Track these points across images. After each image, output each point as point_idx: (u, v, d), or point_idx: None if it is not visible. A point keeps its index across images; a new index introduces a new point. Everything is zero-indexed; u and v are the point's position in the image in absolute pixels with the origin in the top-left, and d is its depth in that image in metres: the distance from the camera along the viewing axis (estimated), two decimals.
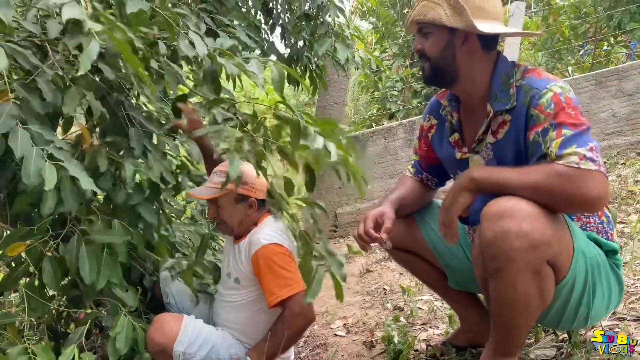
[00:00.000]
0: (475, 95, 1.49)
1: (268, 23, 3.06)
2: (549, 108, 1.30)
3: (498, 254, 1.23)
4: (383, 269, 3.23)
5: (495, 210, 1.24)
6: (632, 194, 3.14)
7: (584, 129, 1.27)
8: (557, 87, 1.32)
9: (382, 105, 6.07)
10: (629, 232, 2.53)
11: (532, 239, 1.20)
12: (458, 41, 1.43)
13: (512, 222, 1.20)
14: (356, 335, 2.31)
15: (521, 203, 1.23)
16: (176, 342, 1.69)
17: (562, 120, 1.27)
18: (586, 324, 1.45)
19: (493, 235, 1.23)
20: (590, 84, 4.21)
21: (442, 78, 1.50)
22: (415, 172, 1.77)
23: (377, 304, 2.65)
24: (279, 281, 1.69)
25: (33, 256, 1.44)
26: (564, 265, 1.28)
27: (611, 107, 4.17)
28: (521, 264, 1.22)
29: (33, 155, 1.18)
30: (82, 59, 1.11)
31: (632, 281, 2.04)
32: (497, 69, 1.45)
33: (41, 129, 1.26)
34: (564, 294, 1.33)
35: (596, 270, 1.35)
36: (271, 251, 1.71)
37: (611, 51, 6.12)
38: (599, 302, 1.38)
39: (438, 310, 2.28)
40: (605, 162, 4.00)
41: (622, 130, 4.16)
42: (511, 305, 1.28)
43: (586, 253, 1.33)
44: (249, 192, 1.78)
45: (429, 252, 1.73)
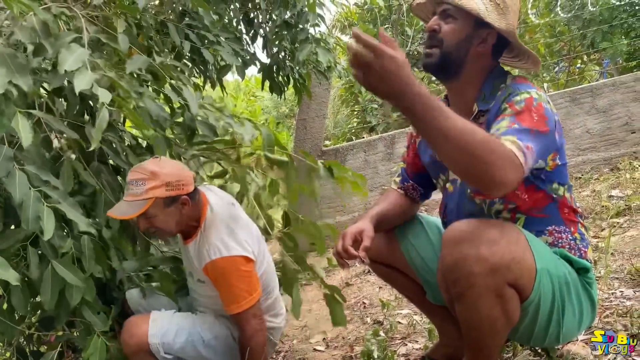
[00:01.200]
0: (466, 96, 1.46)
1: (249, 33, 3.06)
2: (518, 105, 1.28)
3: (459, 279, 1.24)
4: (363, 282, 3.22)
5: (454, 235, 1.25)
6: (605, 209, 3.20)
7: (535, 131, 1.24)
8: (535, 93, 1.31)
9: (362, 119, 6.12)
10: (603, 247, 2.58)
11: (492, 263, 1.20)
12: (477, 39, 1.38)
13: (470, 248, 1.21)
14: (335, 350, 2.29)
15: (480, 227, 1.23)
16: (148, 336, 1.67)
17: (522, 118, 1.25)
18: (558, 341, 1.44)
19: (453, 261, 1.24)
20: (565, 101, 4.32)
21: (447, 68, 1.42)
22: (401, 180, 1.75)
23: (356, 318, 2.64)
24: (229, 297, 1.68)
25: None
26: (526, 286, 1.28)
27: (585, 123, 4.28)
28: (482, 289, 1.22)
29: (31, 199, 1.19)
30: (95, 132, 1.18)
31: (607, 295, 2.08)
32: (491, 75, 1.44)
33: (36, 169, 1.27)
34: (531, 312, 1.33)
35: (565, 289, 1.35)
36: (219, 267, 1.67)
37: (585, 69, 6.30)
38: (570, 320, 1.38)
39: (417, 325, 2.28)
40: (580, 177, 4.09)
41: (595, 146, 4.27)
42: (477, 327, 1.29)
43: (552, 272, 1.32)
44: (178, 191, 1.64)
45: (408, 268, 1.74)
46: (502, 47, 1.43)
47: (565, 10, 5.76)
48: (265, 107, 9.21)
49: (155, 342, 1.68)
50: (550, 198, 1.41)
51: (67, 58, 1.22)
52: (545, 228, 1.42)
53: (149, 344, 1.68)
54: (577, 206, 1.48)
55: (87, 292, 1.44)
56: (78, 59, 1.23)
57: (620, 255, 2.49)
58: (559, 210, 1.42)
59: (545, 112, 1.29)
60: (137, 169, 1.61)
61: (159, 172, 1.60)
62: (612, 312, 1.89)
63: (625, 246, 2.61)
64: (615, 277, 2.25)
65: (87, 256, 1.47)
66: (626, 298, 2.02)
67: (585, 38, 5.67)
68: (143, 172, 1.59)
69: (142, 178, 1.58)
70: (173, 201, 1.64)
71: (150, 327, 1.69)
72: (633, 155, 4.14)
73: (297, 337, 2.61)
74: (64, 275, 1.39)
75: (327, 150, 4.55)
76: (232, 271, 1.68)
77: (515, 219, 1.43)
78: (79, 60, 1.22)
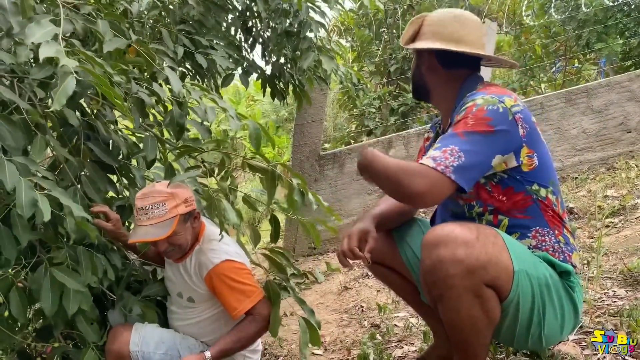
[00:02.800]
0: (446, 109, 1.61)
1: (248, 41, 3.11)
2: (459, 115, 1.41)
3: (437, 281, 1.30)
4: (361, 286, 3.25)
5: (432, 239, 1.31)
6: (600, 209, 3.23)
7: (464, 133, 1.34)
8: (481, 99, 1.40)
9: (360, 123, 6.15)
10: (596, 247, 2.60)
11: (467, 264, 1.25)
12: (422, 62, 1.60)
13: (446, 250, 1.27)
14: (333, 354, 2.32)
15: (456, 230, 1.29)
16: (130, 344, 1.71)
17: (455, 127, 1.38)
18: (542, 344, 1.46)
19: (431, 264, 1.29)
20: (561, 102, 4.34)
21: (419, 92, 1.68)
22: None
23: (354, 322, 2.67)
24: (238, 296, 1.73)
25: (3, 286, 1.44)
26: (504, 286, 1.32)
27: (581, 123, 4.30)
28: (460, 290, 1.27)
29: (23, 187, 1.19)
30: (57, 96, 1.13)
31: (599, 295, 2.10)
32: (463, 86, 1.55)
33: (24, 160, 1.28)
34: (511, 312, 1.37)
35: (545, 290, 1.38)
36: (224, 269, 1.73)
37: (582, 68, 6.32)
38: (551, 322, 1.41)
39: (413, 327, 2.31)
40: (577, 177, 4.12)
41: (591, 146, 4.29)
42: (459, 327, 1.34)
43: (531, 273, 1.36)
44: (192, 207, 1.73)
45: (405, 268, 1.77)
46: (450, 59, 1.53)
47: (559, 12, 5.79)
48: (265, 111, 9.26)
49: (135, 349, 1.72)
50: (530, 199, 1.44)
51: (35, 32, 1.18)
52: (529, 230, 1.45)
53: (130, 352, 1.72)
54: (563, 211, 1.50)
55: (84, 302, 1.46)
56: (47, 33, 1.19)
57: (613, 255, 2.52)
58: (541, 212, 1.45)
59: (486, 114, 1.36)
60: (150, 194, 1.64)
61: (175, 192, 1.66)
62: (603, 312, 1.92)
63: (619, 246, 2.63)
64: (608, 277, 2.27)
65: (83, 266, 1.50)
66: (618, 298, 2.04)
67: (581, 38, 5.69)
68: (160, 195, 1.64)
69: (162, 200, 1.63)
70: (189, 216, 1.73)
71: (132, 336, 1.73)
72: (629, 155, 4.16)
73: (295, 342, 2.64)
74: (63, 281, 1.42)
75: (325, 155, 4.58)
76: (237, 270, 1.75)
77: (498, 220, 1.46)
78: (47, 34, 1.18)
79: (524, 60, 6.27)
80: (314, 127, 4.58)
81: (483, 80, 1.55)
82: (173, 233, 1.66)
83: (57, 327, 1.55)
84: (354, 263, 3.80)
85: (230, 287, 1.73)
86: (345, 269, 3.75)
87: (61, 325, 1.54)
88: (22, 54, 1.33)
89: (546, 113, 4.34)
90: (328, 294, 3.33)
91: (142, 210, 1.64)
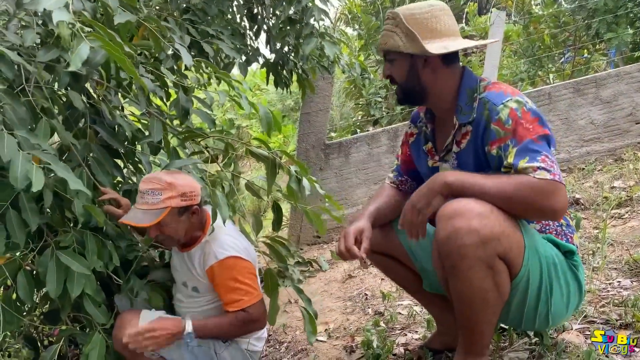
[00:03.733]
0: (444, 109, 1.59)
1: (253, 29, 3.09)
2: (507, 124, 1.40)
3: (451, 251, 1.33)
4: (365, 274, 3.26)
5: (448, 211, 1.34)
6: (607, 200, 3.21)
7: (537, 138, 1.36)
8: (512, 102, 1.42)
9: (366, 112, 6.13)
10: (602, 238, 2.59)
11: (482, 235, 1.29)
12: (419, 63, 1.53)
13: (462, 221, 1.30)
14: (337, 341, 2.34)
15: (471, 203, 1.32)
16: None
17: (519, 135, 1.37)
18: (548, 324, 1.50)
19: (446, 235, 1.33)
20: (569, 92, 4.30)
21: (412, 98, 1.62)
22: (396, 176, 1.85)
23: (358, 309, 2.68)
24: (235, 295, 1.71)
25: (11, 269, 1.45)
26: (516, 261, 1.36)
27: (589, 114, 4.27)
28: (473, 260, 1.31)
29: (19, 159, 1.18)
30: (73, 58, 1.12)
31: (604, 285, 2.10)
32: (462, 83, 1.55)
33: (27, 134, 1.27)
34: (520, 289, 1.41)
35: (552, 269, 1.42)
36: (228, 265, 1.71)
37: (590, 59, 6.25)
38: (558, 301, 1.45)
39: (417, 315, 2.32)
40: (584, 168, 4.09)
41: (599, 137, 4.26)
42: (470, 300, 1.36)
43: (540, 251, 1.41)
44: (191, 202, 1.69)
45: (406, 256, 1.78)
46: (452, 55, 1.53)
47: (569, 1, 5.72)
48: (271, 100, 9.24)
49: None
50: None
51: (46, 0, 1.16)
52: None
53: None
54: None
55: (88, 285, 1.47)
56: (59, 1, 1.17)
57: (619, 246, 2.51)
58: None
59: (531, 114, 1.40)
60: (152, 179, 1.64)
61: (175, 183, 1.64)
62: (608, 302, 1.92)
63: (625, 237, 2.62)
64: (613, 268, 2.27)
65: (89, 250, 1.50)
66: (623, 288, 2.04)
67: (590, 28, 5.62)
68: (159, 183, 1.63)
69: (159, 188, 1.62)
70: (185, 210, 1.69)
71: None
72: (637, 146, 4.12)
73: (299, 328, 2.66)
74: (68, 264, 1.43)
75: (331, 144, 4.57)
76: (240, 269, 1.73)
77: None
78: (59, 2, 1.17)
79: (532, 50, 6.21)
80: (319, 116, 4.57)
81: (479, 78, 1.56)
82: (160, 223, 1.64)
83: (63, 310, 1.56)
84: None
85: (230, 285, 1.72)
86: None
87: (67, 308, 1.55)
88: (28, 38, 1.32)
89: (554, 103, 4.30)
90: (332, 281, 3.34)
91: (140, 193, 1.64)
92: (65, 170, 1.24)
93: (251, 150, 1.69)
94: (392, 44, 1.52)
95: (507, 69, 6.43)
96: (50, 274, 1.42)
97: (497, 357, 1.69)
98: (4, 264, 1.43)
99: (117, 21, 1.38)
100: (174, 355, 1.77)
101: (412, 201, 1.46)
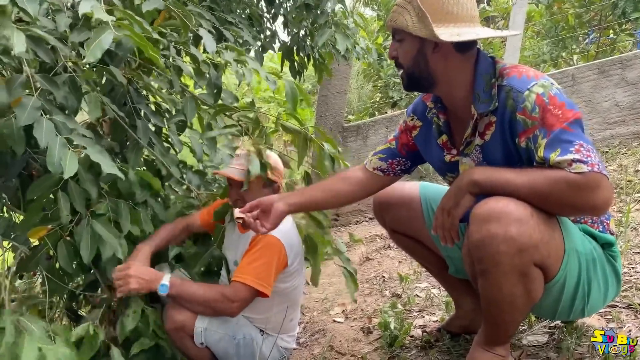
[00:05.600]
0: (457, 97, 1.44)
1: (270, 12, 3.07)
2: (534, 112, 1.26)
3: (485, 256, 1.24)
4: (383, 257, 3.26)
5: (483, 212, 1.24)
6: (631, 183, 3.14)
7: (569, 125, 1.23)
8: (538, 87, 1.28)
9: (385, 94, 6.07)
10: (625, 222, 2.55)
11: (519, 243, 1.20)
12: (429, 47, 1.38)
13: (499, 226, 1.20)
14: (354, 322, 2.35)
15: (510, 205, 1.22)
16: (197, 319, 1.74)
17: (549, 124, 1.24)
18: (583, 315, 1.45)
19: (480, 239, 1.24)
20: (594, 73, 4.20)
21: (418, 84, 1.47)
22: (383, 159, 1.71)
23: (375, 291, 2.68)
24: (247, 268, 1.69)
25: (53, 240, 1.51)
26: (553, 266, 1.28)
27: (614, 96, 4.16)
28: (507, 267, 1.22)
29: (57, 144, 1.23)
30: (92, 49, 1.15)
31: (627, 269, 2.06)
32: (478, 69, 1.39)
33: (65, 118, 1.31)
34: (555, 292, 1.34)
35: (591, 265, 1.34)
36: (271, 243, 1.72)
37: (616, 39, 6.08)
38: (596, 295, 1.38)
39: (435, 298, 2.31)
40: (607, 151, 4.01)
41: (624, 119, 4.16)
42: (498, 304, 1.31)
43: (580, 250, 1.32)
44: (277, 178, 1.83)
45: (431, 241, 1.76)
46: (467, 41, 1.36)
47: None
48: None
49: (202, 326, 1.74)
50: None
51: None
52: None
53: (195, 327, 1.73)
54: None
55: (118, 250, 1.52)
56: None
57: None
58: None
59: (558, 99, 1.26)
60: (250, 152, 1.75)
61: (269, 158, 1.77)
62: (630, 286, 1.89)
63: None
64: (637, 252, 2.22)
65: (123, 217, 1.56)
66: None
67: (617, 8, 5.45)
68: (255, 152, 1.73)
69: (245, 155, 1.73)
70: (270, 184, 1.82)
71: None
72: None
73: (317, 309, 2.68)
74: (100, 232, 1.50)
75: (349, 127, 4.55)
76: (272, 252, 1.71)
77: None
78: None
79: (555, 30, 6.06)
80: (337, 98, 4.55)
81: (494, 60, 1.42)
82: (247, 185, 1.74)
83: (103, 277, 1.63)
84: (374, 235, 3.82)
85: (253, 254, 1.71)
86: (367, 240, 3.77)
87: (108, 273, 1.62)
88: (61, 22, 1.35)
89: (577, 85, 4.20)
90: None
91: (237, 155, 1.77)
92: (99, 154, 1.29)
93: (283, 124, 1.70)
94: (401, 22, 1.37)
95: (530, 51, 6.29)
96: (84, 242, 1.48)
97: (516, 340, 1.68)
98: (46, 235, 1.49)
99: (145, 8, 1.40)
100: (218, 347, 1.79)
101: (441, 203, 1.38)
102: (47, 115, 1.26)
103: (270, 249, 1.72)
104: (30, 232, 1.48)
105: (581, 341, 1.57)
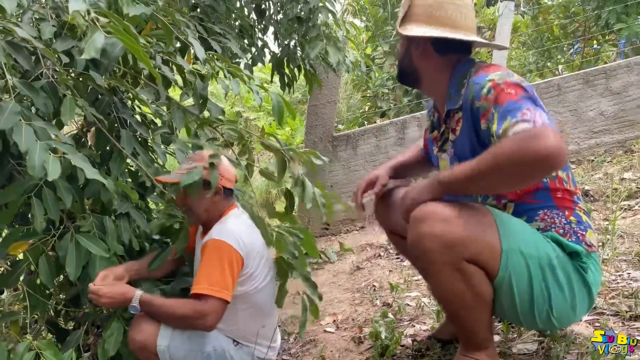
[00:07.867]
0: (438, 95, 1.59)
1: (261, 24, 3.09)
2: (490, 94, 1.32)
3: (419, 255, 1.35)
4: (373, 266, 3.27)
5: (416, 214, 1.34)
6: (616, 191, 3.19)
7: (519, 97, 1.26)
8: (495, 75, 1.35)
9: (374, 104, 6.11)
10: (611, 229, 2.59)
11: (445, 240, 1.28)
12: (413, 46, 1.55)
13: (426, 226, 1.30)
14: (345, 332, 2.35)
15: (437, 207, 1.31)
16: (159, 337, 1.70)
17: (501, 100, 1.28)
18: (554, 324, 1.43)
19: (413, 239, 1.34)
20: (579, 83, 4.27)
21: (406, 78, 1.64)
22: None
23: (366, 301, 2.69)
24: (204, 277, 1.66)
25: (34, 254, 1.49)
26: (490, 263, 1.33)
27: (599, 105, 4.23)
28: (439, 264, 1.31)
29: (37, 148, 1.21)
30: (87, 47, 1.14)
31: (614, 277, 2.09)
32: (456, 70, 1.51)
33: (45, 124, 1.30)
34: (505, 290, 1.36)
35: (548, 271, 1.35)
36: (217, 246, 1.69)
37: (600, 50, 6.19)
38: (560, 304, 1.37)
39: (425, 307, 2.32)
40: (593, 160, 4.07)
41: (609, 128, 4.23)
42: (447, 300, 1.39)
43: (528, 252, 1.33)
44: (227, 183, 1.79)
45: None
46: (445, 44, 1.50)
47: None
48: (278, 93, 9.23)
49: (163, 344, 1.70)
50: (541, 182, 1.40)
51: None
52: (536, 213, 1.42)
53: (157, 345, 1.70)
54: (575, 187, 1.46)
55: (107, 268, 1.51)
56: None
57: (629, 238, 2.50)
58: (550, 194, 1.41)
59: (513, 82, 1.32)
60: (196, 156, 1.74)
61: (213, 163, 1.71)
62: (617, 294, 1.91)
63: (635, 228, 2.61)
64: (623, 259, 2.26)
65: (109, 234, 1.55)
66: (633, 280, 2.03)
67: (600, 19, 5.56)
68: (201, 159, 1.70)
69: (197, 160, 1.71)
70: (210, 186, 1.68)
71: (162, 329, 1.71)
72: None
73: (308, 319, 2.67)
74: (88, 247, 1.48)
75: (339, 136, 4.57)
76: (223, 256, 1.69)
77: (503, 205, 1.45)
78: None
79: (541, 41, 6.16)
80: (327, 108, 4.57)
81: (475, 63, 1.50)
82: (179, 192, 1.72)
83: (84, 294, 1.60)
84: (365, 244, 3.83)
85: (209, 264, 1.67)
86: (357, 249, 3.77)
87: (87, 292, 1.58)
88: (46, 30, 1.35)
89: (563, 95, 4.27)
90: (340, 273, 3.36)
91: (181, 164, 1.76)
92: (81, 160, 1.27)
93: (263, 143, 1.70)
94: (397, 22, 1.56)
95: (516, 61, 6.38)
96: (69, 257, 1.47)
97: (506, 349, 1.69)
98: (27, 250, 1.48)
99: (131, 13, 1.39)
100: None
101: (407, 190, 1.46)
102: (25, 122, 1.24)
103: (217, 251, 1.69)
104: (11, 246, 1.47)
105: (570, 349, 1.59)
